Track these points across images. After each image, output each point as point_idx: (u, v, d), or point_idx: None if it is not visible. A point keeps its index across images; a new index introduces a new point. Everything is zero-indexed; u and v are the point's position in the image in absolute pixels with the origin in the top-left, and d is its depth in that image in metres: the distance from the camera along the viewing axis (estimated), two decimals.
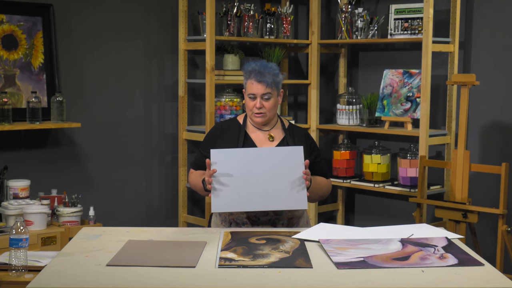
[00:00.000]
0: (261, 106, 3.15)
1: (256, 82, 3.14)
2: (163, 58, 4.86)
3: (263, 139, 3.22)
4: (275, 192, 2.93)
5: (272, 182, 2.93)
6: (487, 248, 4.38)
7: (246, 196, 2.92)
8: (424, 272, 2.35)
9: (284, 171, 2.94)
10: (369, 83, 5.21)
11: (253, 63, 3.20)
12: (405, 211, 4.85)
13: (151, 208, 4.89)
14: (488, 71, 4.54)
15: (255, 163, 2.95)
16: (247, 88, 3.17)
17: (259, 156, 2.97)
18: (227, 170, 2.94)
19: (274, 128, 3.25)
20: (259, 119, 3.18)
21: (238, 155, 2.98)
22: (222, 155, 2.96)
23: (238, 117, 3.30)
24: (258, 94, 3.14)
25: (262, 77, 3.13)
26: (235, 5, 4.83)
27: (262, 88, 3.13)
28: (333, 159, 5.11)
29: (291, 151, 2.99)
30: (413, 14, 4.63)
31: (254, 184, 2.93)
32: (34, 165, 4.29)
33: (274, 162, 2.96)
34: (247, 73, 3.18)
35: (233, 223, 3.12)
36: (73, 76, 4.45)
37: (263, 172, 2.94)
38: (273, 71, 3.17)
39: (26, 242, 2.64)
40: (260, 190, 2.93)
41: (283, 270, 2.36)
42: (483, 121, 4.59)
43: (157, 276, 2.30)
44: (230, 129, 3.24)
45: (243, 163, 2.95)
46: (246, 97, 3.19)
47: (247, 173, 2.94)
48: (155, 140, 4.88)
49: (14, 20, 4.18)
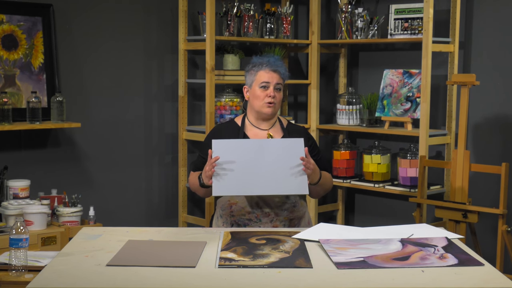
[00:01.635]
0: (274, 94, 3.15)
1: (271, 71, 3.15)
2: (163, 58, 4.86)
3: (262, 138, 3.21)
4: (276, 177, 2.95)
5: (273, 168, 2.96)
6: (487, 248, 4.38)
7: (247, 180, 2.94)
8: (424, 272, 2.35)
9: (285, 159, 2.97)
10: (369, 83, 5.21)
11: (260, 57, 3.23)
12: (405, 211, 4.85)
13: (151, 208, 4.89)
14: (488, 71, 4.54)
15: (257, 153, 2.98)
16: (258, 78, 3.16)
17: (261, 147, 3.00)
18: (228, 159, 2.96)
19: (273, 127, 3.25)
20: (269, 109, 3.17)
21: (240, 145, 3.01)
22: (224, 146, 2.98)
23: (235, 119, 3.30)
24: (273, 82, 3.15)
25: (276, 67, 3.16)
26: (235, 5, 4.83)
27: (276, 77, 3.15)
28: (333, 159, 5.11)
29: (292, 143, 3.01)
30: (413, 14, 4.63)
31: (256, 170, 2.95)
32: (34, 165, 4.29)
33: (275, 152, 2.99)
34: (258, 65, 3.18)
35: (234, 225, 3.12)
36: (73, 76, 4.45)
37: (264, 160, 2.97)
38: (284, 67, 3.22)
39: (26, 242, 2.64)
40: (261, 175, 2.95)
41: (283, 270, 2.36)
42: (483, 121, 4.59)
43: (157, 276, 2.30)
44: (229, 130, 3.24)
45: (244, 152, 2.98)
46: (256, 88, 3.16)
47: (248, 161, 2.96)
48: (155, 140, 4.88)
49: (14, 20, 4.18)
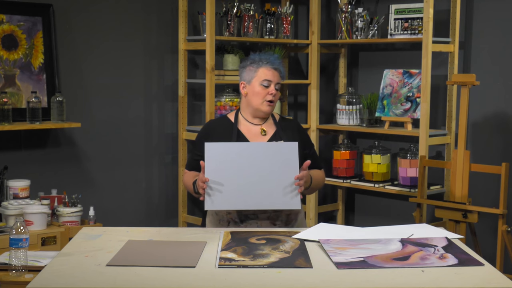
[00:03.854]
0: (275, 93, 3.14)
1: (273, 69, 3.14)
2: (163, 58, 4.86)
3: (255, 134, 3.20)
4: (268, 191, 2.92)
5: (265, 181, 2.92)
6: (487, 248, 4.38)
7: (239, 195, 2.92)
8: (424, 272, 2.35)
9: (278, 169, 2.93)
10: (369, 83, 5.21)
11: (258, 54, 3.20)
12: (405, 211, 4.85)
13: (151, 208, 4.89)
14: (488, 71, 4.54)
15: (249, 158, 2.94)
16: (260, 74, 3.14)
17: (254, 151, 2.96)
18: (220, 165, 2.93)
19: (266, 122, 3.24)
20: (269, 107, 3.16)
21: (232, 149, 2.97)
22: (216, 149, 2.95)
23: (228, 115, 3.29)
24: (274, 81, 3.14)
25: (276, 65, 3.15)
26: (235, 5, 4.83)
27: (277, 76, 3.15)
28: (333, 159, 5.11)
29: (286, 147, 2.97)
30: (413, 14, 4.63)
31: (247, 182, 2.92)
32: (34, 165, 4.29)
33: (268, 158, 2.94)
34: (258, 61, 3.16)
35: (231, 222, 3.11)
36: (73, 76, 4.45)
37: (257, 169, 2.93)
38: (283, 66, 3.21)
39: (26, 242, 2.64)
40: (253, 189, 2.92)
41: (283, 270, 2.36)
42: (483, 121, 4.59)
43: (157, 276, 2.30)
44: (222, 126, 3.23)
45: (237, 158, 2.94)
46: (256, 84, 3.14)
47: (240, 170, 2.93)
48: (155, 140, 4.88)
49: (14, 20, 4.18)
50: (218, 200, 2.92)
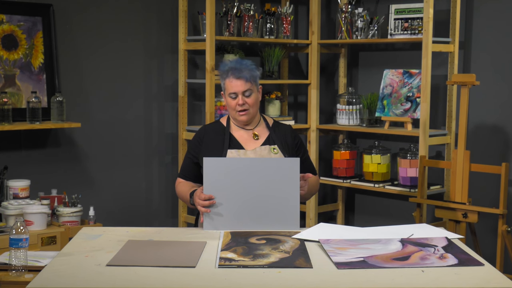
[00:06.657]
0: (243, 102, 3.12)
1: (235, 79, 3.11)
2: (163, 58, 4.86)
3: (248, 139, 3.20)
4: (268, 212, 2.90)
5: (265, 200, 2.89)
6: (487, 248, 4.38)
7: (238, 216, 2.89)
8: (424, 272, 2.35)
9: (279, 186, 2.89)
10: (369, 83, 5.21)
11: (228, 62, 3.18)
12: (405, 211, 4.85)
13: (151, 208, 4.89)
14: (488, 71, 4.54)
15: (250, 175, 2.89)
16: (227, 87, 3.14)
17: (254, 167, 2.91)
18: (219, 181, 2.89)
19: (258, 126, 3.24)
20: (243, 117, 3.15)
21: (232, 164, 2.92)
22: (215, 164, 2.91)
23: (221, 119, 3.28)
24: (239, 91, 3.12)
25: (240, 73, 3.11)
26: (235, 5, 4.83)
27: (242, 85, 3.11)
28: (333, 159, 5.11)
29: (287, 163, 2.93)
30: (413, 14, 4.63)
31: (247, 200, 2.89)
32: (34, 165, 4.29)
33: (269, 175, 2.90)
34: (224, 73, 3.15)
35: None
36: (73, 76, 4.45)
37: (257, 186, 2.89)
38: (249, 66, 3.15)
39: (26, 242, 2.64)
40: (253, 208, 2.89)
41: (283, 270, 2.36)
42: (483, 121, 4.59)
43: (157, 276, 2.30)
44: (214, 131, 3.22)
45: (236, 174, 2.89)
46: (227, 97, 3.15)
47: (240, 188, 2.89)
48: (155, 140, 4.88)
49: (14, 20, 4.18)
50: (217, 222, 2.90)
